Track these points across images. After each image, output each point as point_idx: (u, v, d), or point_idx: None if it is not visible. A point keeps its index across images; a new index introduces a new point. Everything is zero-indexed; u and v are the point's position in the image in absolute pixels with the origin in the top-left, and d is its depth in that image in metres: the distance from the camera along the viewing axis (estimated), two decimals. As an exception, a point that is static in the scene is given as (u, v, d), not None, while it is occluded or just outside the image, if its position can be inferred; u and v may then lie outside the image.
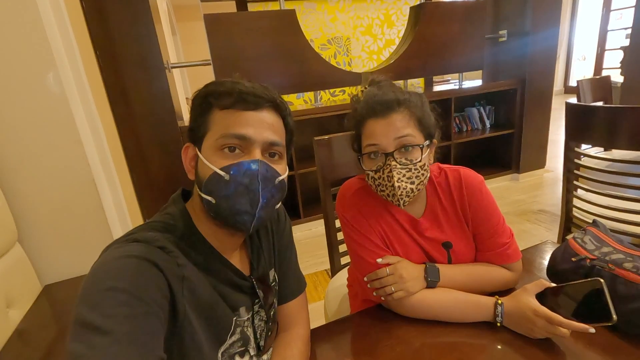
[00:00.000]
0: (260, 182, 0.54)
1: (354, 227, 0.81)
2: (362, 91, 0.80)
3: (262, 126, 0.56)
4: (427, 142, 0.75)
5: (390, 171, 0.71)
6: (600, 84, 2.28)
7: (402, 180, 0.71)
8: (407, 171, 0.72)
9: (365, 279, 0.79)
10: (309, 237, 2.72)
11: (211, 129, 0.56)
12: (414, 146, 0.72)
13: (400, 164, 0.71)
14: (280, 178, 0.58)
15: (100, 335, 0.39)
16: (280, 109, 0.60)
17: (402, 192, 0.72)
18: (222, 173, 0.53)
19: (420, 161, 0.72)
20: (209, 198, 0.54)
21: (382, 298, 0.76)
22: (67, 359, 0.38)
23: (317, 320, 0.79)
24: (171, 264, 0.50)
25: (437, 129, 0.79)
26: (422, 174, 0.74)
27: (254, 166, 0.54)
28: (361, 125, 0.76)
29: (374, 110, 0.73)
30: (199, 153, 0.57)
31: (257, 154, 0.55)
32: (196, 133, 0.57)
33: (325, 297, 1.21)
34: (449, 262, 0.82)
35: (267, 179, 0.55)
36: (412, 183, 0.73)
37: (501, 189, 3.22)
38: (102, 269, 0.45)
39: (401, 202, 0.73)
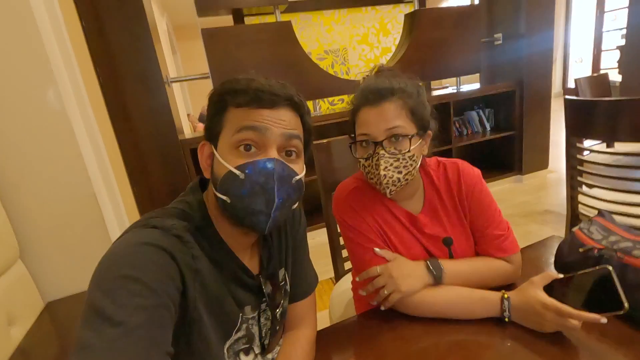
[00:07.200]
0: (276, 182, 0.52)
1: (351, 227, 0.80)
2: (364, 78, 0.81)
3: (278, 124, 0.54)
4: (420, 133, 0.75)
5: (378, 160, 0.71)
6: (598, 82, 2.28)
7: (388, 169, 0.71)
8: (395, 160, 0.71)
9: (357, 279, 0.78)
10: (311, 246, 2.67)
11: (226, 127, 0.55)
12: (403, 136, 0.72)
13: (388, 153, 0.71)
14: (297, 177, 0.56)
15: (111, 326, 0.39)
16: (297, 107, 0.58)
17: (387, 180, 0.72)
18: (237, 172, 0.52)
19: (409, 152, 0.72)
20: (224, 197, 0.53)
21: (375, 303, 0.75)
22: (76, 343, 0.38)
23: (323, 327, 0.78)
24: (186, 255, 0.50)
25: (434, 120, 0.78)
26: (411, 165, 0.73)
27: (269, 165, 0.52)
28: (355, 114, 0.77)
29: (367, 98, 0.74)
30: (214, 151, 0.56)
31: (273, 153, 0.53)
32: (212, 131, 0.56)
33: (330, 302, 1.19)
34: (450, 258, 0.80)
35: (284, 179, 0.54)
36: (400, 172, 0.72)
37: (505, 191, 3.19)
38: (119, 254, 0.46)
39: (387, 190, 0.73)
